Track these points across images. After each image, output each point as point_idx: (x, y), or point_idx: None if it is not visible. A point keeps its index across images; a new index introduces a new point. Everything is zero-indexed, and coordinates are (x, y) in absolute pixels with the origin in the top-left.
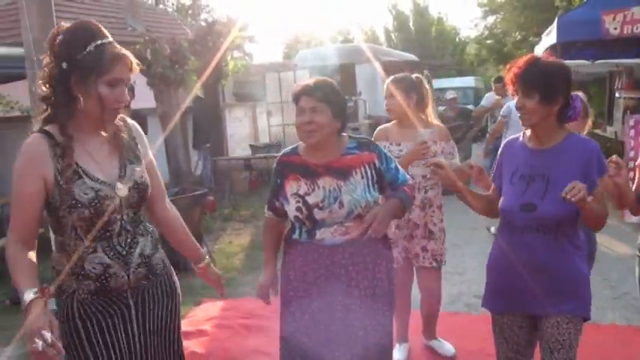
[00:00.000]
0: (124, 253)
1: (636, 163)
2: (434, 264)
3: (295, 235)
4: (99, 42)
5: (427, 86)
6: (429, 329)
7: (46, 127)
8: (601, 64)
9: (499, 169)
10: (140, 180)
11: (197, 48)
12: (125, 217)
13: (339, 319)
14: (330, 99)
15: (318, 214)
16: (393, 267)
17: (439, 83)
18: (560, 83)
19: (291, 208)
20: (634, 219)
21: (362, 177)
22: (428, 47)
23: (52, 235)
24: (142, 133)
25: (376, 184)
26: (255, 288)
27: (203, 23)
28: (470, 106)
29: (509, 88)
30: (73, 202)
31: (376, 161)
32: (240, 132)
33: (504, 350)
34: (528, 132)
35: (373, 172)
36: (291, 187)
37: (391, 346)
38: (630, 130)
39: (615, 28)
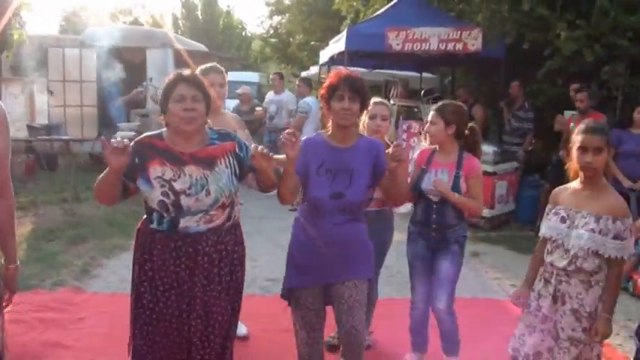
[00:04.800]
0: None
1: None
2: None
3: (154, 225)
4: None
5: (226, 77)
6: None
7: None
8: (379, 74)
9: (304, 161)
10: None
11: None
12: None
13: (200, 305)
14: (206, 92)
15: (184, 201)
16: (245, 253)
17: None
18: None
19: (156, 192)
20: (402, 209)
21: (226, 166)
22: (215, 39)
23: None
24: None
25: (238, 173)
26: (44, 280)
27: None
28: (255, 101)
29: (325, 91)
30: None
31: (237, 149)
32: (16, 110)
33: (303, 325)
34: (329, 132)
35: (235, 160)
36: (155, 170)
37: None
38: (403, 134)
39: (397, 44)
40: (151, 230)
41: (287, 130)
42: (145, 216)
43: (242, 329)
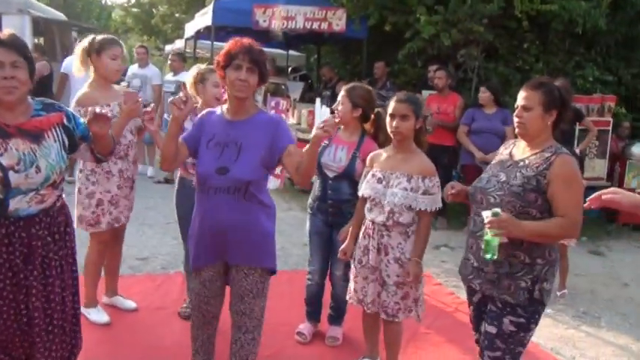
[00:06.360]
0: None
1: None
2: (116, 225)
3: None
4: None
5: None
6: (112, 286)
7: None
8: None
9: (197, 133)
10: None
11: None
12: None
13: (37, 297)
14: (28, 55)
15: (13, 178)
16: (75, 234)
17: None
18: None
19: None
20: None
21: (55, 140)
22: (74, 7)
23: None
24: None
25: (67, 147)
26: None
27: None
28: None
29: (222, 58)
30: None
31: (65, 120)
32: None
33: (199, 305)
34: (225, 107)
35: (63, 133)
36: None
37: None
38: (271, 110)
39: (265, 21)
40: None
41: (183, 92)
42: None
43: (129, 303)
